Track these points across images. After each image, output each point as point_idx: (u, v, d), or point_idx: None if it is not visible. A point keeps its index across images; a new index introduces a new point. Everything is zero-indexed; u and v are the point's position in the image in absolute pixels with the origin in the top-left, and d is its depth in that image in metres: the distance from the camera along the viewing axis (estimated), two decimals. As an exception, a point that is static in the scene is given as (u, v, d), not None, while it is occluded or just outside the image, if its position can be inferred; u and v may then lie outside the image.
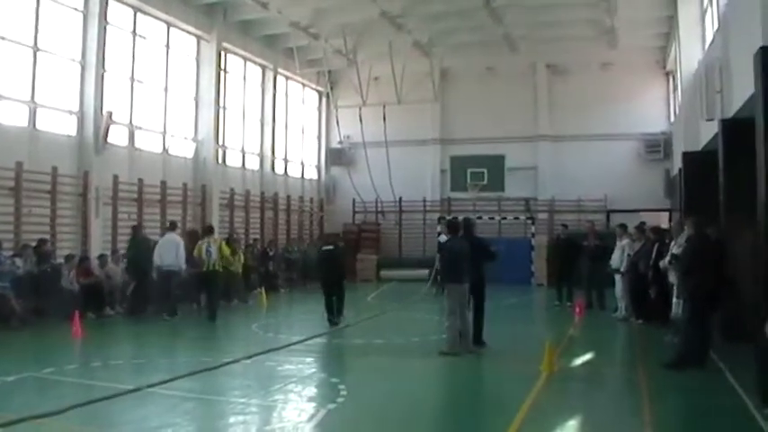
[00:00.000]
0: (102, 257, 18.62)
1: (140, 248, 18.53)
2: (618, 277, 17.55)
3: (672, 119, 28.33)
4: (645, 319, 16.24)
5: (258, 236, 26.84)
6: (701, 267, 11.09)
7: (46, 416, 7.95)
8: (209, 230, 18.93)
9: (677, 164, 21.90)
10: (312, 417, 8.46)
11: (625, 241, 17.53)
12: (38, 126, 18.16)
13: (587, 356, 12.86)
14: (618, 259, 17.56)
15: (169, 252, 18.00)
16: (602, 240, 19.94)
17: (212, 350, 13.20)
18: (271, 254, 25.54)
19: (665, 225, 21.69)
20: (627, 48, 28.39)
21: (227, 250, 19.46)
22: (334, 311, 16.42)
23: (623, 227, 18.43)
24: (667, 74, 29.32)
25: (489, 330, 13.41)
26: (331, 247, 17.25)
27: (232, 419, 8.37)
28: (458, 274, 12.64)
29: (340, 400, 9.20)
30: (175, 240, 18.38)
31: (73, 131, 19.24)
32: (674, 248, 12.72)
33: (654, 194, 27.99)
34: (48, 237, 17.69)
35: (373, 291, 24.23)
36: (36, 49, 17.95)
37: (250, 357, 12.13)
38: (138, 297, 18.24)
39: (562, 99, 30.38)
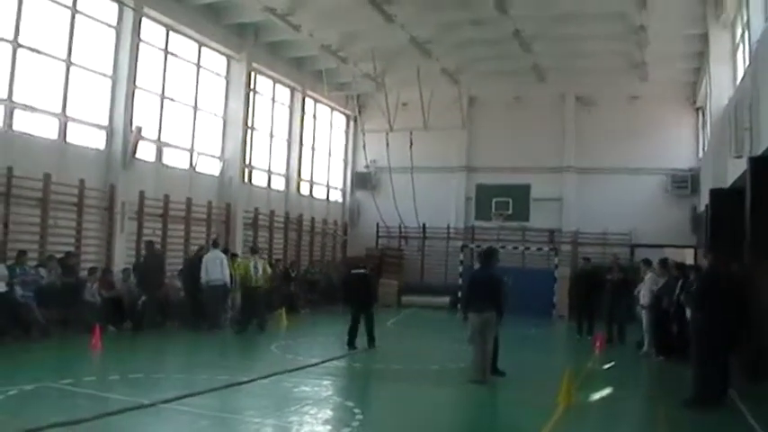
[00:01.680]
0: (125, 271, 18.73)
1: (153, 263, 18.77)
2: (643, 312, 17.36)
3: (700, 155, 28.14)
4: (666, 354, 16.05)
5: (281, 256, 26.86)
6: (713, 304, 10.93)
7: (59, 426, 7.96)
8: (254, 250, 20.80)
9: (704, 200, 21.72)
10: (326, 439, 8.43)
11: (648, 276, 17.37)
12: (68, 139, 18.35)
13: (605, 390, 12.72)
14: (644, 294, 17.38)
15: (215, 267, 18.88)
16: (626, 274, 19.78)
17: (230, 368, 13.19)
18: (293, 275, 25.55)
19: (690, 261, 21.50)
20: (657, 82, 28.27)
21: (268, 269, 20.58)
22: (356, 336, 16.30)
23: (647, 262, 18.29)
24: (697, 109, 29.12)
25: (508, 360, 13.30)
26: (362, 270, 17.28)
27: (246, 439, 8.36)
28: (476, 303, 12.59)
29: (355, 424, 9.17)
30: (220, 256, 19.26)
31: (101, 145, 19.42)
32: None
33: (680, 230, 27.72)
34: (73, 249, 17.85)
35: (394, 316, 24.12)
36: (69, 63, 18.18)
37: (267, 377, 12.13)
38: (150, 312, 18.34)
39: (590, 131, 30.24)
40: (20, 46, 16.73)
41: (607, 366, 15.45)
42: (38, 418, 8.21)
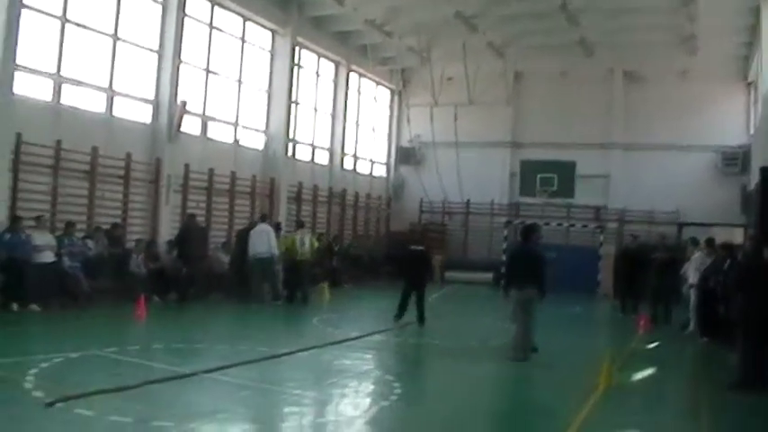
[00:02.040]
0: (170, 243, 18.97)
1: (195, 236, 19.00)
2: (691, 291, 17.10)
3: (751, 131, 27.53)
4: (710, 336, 15.78)
5: (324, 231, 26.97)
6: (753, 287, 10.71)
7: (103, 392, 8.12)
8: (300, 224, 21.46)
9: (755, 178, 21.28)
10: (365, 412, 8.51)
11: (696, 255, 17.10)
12: (114, 113, 18.58)
13: (648, 372, 12.58)
14: (691, 274, 17.12)
15: (261, 241, 19.02)
16: (672, 253, 19.51)
17: (271, 341, 13.29)
18: (336, 249, 25.66)
19: (738, 241, 21.08)
20: (707, 56, 27.66)
21: (315, 243, 21.08)
22: (405, 311, 16.30)
23: (694, 241, 18.02)
24: (748, 84, 28.50)
25: (548, 339, 13.23)
26: (421, 247, 17.29)
27: (286, 410, 8.44)
28: (518, 279, 12.53)
29: (393, 398, 9.18)
30: (266, 230, 19.40)
31: (148, 119, 19.64)
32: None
33: (729, 209, 27.15)
34: (120, 221, 18.13)
35: (436, 291, 24.14)
36: (116, 39, 18.37)
37: (308, 350, 12.20)
38: (192, 283, 18.57)
39: (637, 107, 29.77)
40: (68, 21, 16.94)
41: (650, 347, 15.27)
42: (82, 384, 8.36)
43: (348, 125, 29.95)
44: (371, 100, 32.75)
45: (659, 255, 19.37)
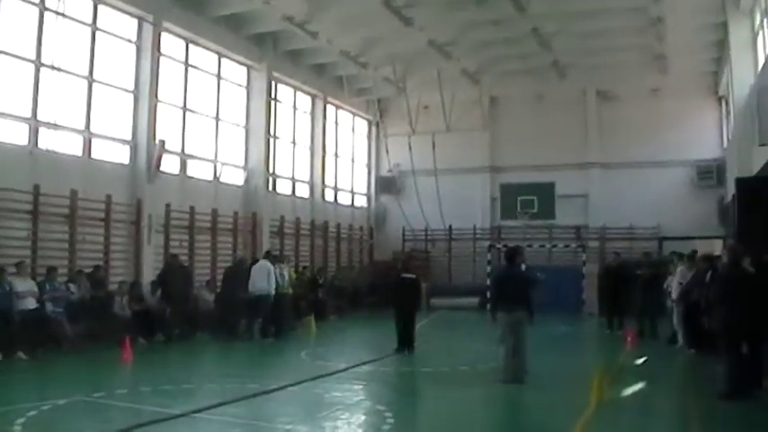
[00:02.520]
0: (153, 284, 18.85)
1: (177, 276, 18.83)
2: (674, 306, 17.20)
3: (725, 144, 27.86)
4: (697, 347, 15.86)
5: (308, 263, 26.93)
6: (734, 298, 10.80)
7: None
8: (277, 258, 21.01)
9: (731, 190, 21.51)
10: (358, 444, 8.44)
11: (679, 268, 17.21)
12: (92, 155, 18.56)
13: (638, 386, 12.60)
14: (674, 288, 17.22)
15: (261, 277, 19.03)
16: (656, 269, 19.63)
17: (260, 377, 13.24)
18: (320, 281, 25.60)
19: (718, 252, 21.21)
20: (678, 73, 28.11)
21: (294, 276, 21.27)
22: (405, 341, 16.32)
23: (679, 255, 18.12)
24: (720, 99, 28.90)
25: (537, 360, 13.22)
26: (413, 276, 17.28)
27: (278, 446, 8.39)
28: (505, 302, 12.56)
29: (386, 428, 9.16)
30: (267, 267, 19.42)
31: (126, 160, 19.61)
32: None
33: (707, 222, 27.39)
34: (101, 263, 18.01)
35: (423, 318, 24.11)
36: (91, 80, 18.40)
37: (298, 384, 12.14)
38: (178, 323, 18.49)
39: (612, 126, 30.04)
40: (42, 65, 16.97)
41: (639, 361, 15.30)
42: (72, 431, 8.28)
43: (327, 157, 30.01)
44: (349, 131, 32.85)
45: (644, 271, 19.50)
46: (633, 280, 19.65)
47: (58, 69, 17.41)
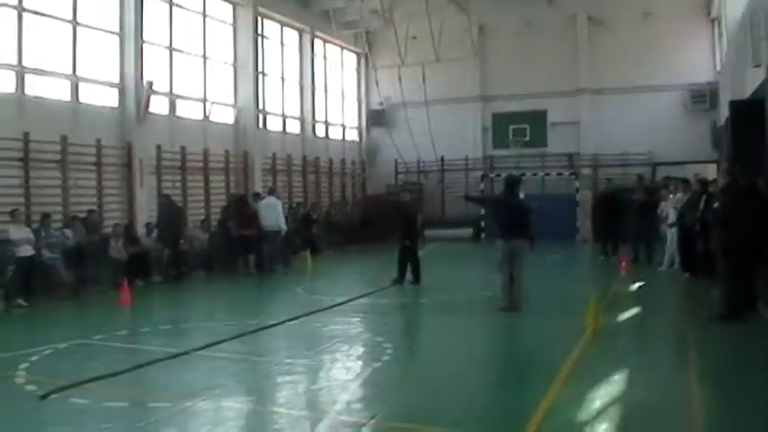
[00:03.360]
0: (148, 226, 18.88)
1: (170, 216, 18.89)
2: (670, 231, 17.30)
3: (718, 67, 27.61)
4: (692, 272, 16.02)
5: (301, 199, 26.95)
6: (736, 219, 10.86)
7: (96, 380, 8.17)
8: (271, 190, 21.50)
9: (724, 114, 21.42)
10: (358, 375, 8.57)
11: (679, 195, 17.22)
12: (80, 99, 18.39)
13: (633, 311, 12.78)
14: (670, 212, 17.30)
15: (269, 214, 19.79)
16: (651, 194, 19.68)
17: (258, 313, 13.37)
18: (314, 217, 25.66)
19: (713, 177, 21.26)
20: (668, -5, 27.72)
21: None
22: (405, 272, 16.53)
23: (683, 181, 18.12)
24: (712, 21, 28.49)
25: (534, 287, 13.34)
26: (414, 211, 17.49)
27: (279, 379, 8.51)
28: (504, 230, 12.64)
29: (385, 358, 9.29)
30: (275, 203, 20.31)
31: (115, 103, 19.44)
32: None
33: (701, 146, 27.21)
34: (95, 208, 18.01)
35: (419, 250, 24.27)
36: (75, 24, 18.12)
37: (295, 319, 12.27)
38: (174, 264, 18.59)
39: (603, 51, 29.71)
40: (24, 10, 16.69)
41: (634, 286, 15.47)
42: (75, 373, 8.39)
43: (317, 92, 29.77)
44: (338, 65, 32.54)
45: (638, 196, 19.56)
46: (627, 205, 19.75)
47: (41, 14, 17.15)
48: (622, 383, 7.91)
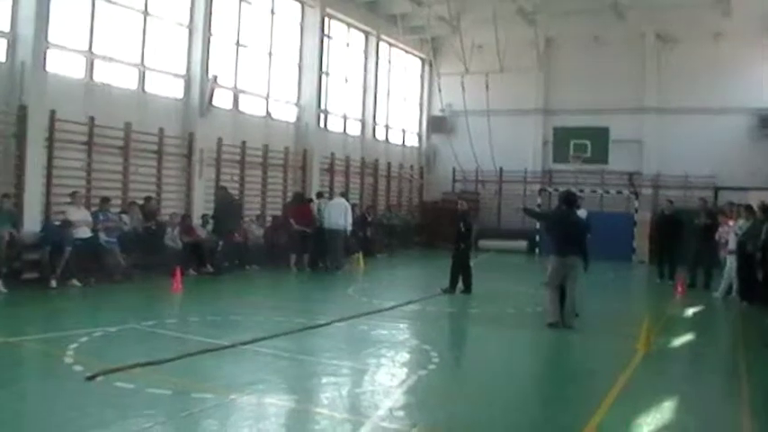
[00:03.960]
0: (204, 217, 19.06)
1: (227, 208, 19.01)
2: (730, 257, 16.89)
3: (788, 92, 26.97)
4: (750, 300, 15.63)
5: (357, 201, 26.97)
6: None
7: (142, 365, 8.22)
8: (342, 194, 22.48)
9: (792, 140, 20.88)
10: (403, 382, 8.48)
11: (740, 221, 16.83)
12: (146, 89, 18.64)
13: (686, 336, 12.50)
14: (731, 239, 16.90)
15: (338, 214, 20.04)
16: (713, 219, 19.23)
17: (307, 311, 13.36)
18: (369, 219, 25.67)
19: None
20: (741, 17, 27.00)
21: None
22: (457, 282, 16.40)
23: (747, 207, 17.71)
24: (784, 45, 27.90)
25: (587, 305, 13.16)
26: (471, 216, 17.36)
27: (324, 380, 8.47)
28: (560, 246, 12.46)
29: (431, 367, 9.19)
30: (344, 204, 20.71)
31: (180, 94, 19.67)
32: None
33: (766, 172, 26.69)
34: (153, 195, 18.24)
35: (472, 260, 24.11)
36: (146, 14, 18.40)
37: (344, 320, 12.24)
38: (228, 256, 18.72)
39: (671, 70, 29.23)
40: (98, -2, 17.02)
41: (689, 312, 15.16)
42: (121, 358, 8.46)
43: (379, 95, 29.80)
44: (402, 70, 32.56)
45: (701, 220, 19.08)
46: (687, 228, 19.32)
47: (114, 2, 17.44)
48: (671, 410, 7.70)
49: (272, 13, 23.37)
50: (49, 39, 15.67)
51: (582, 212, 19.25)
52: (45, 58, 15.50)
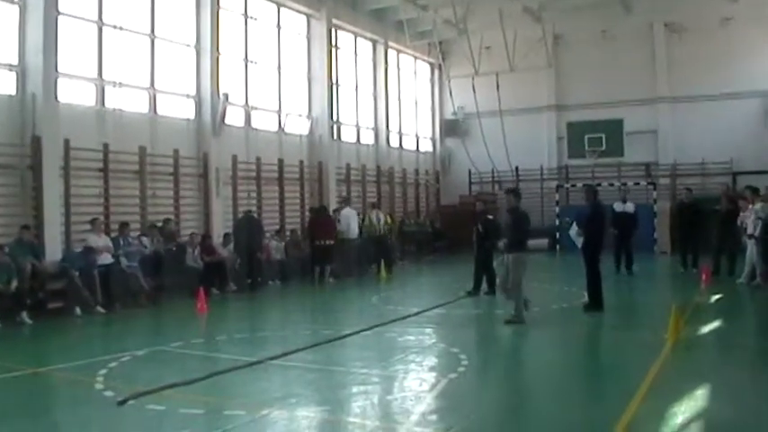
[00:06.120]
0: (226, 236, 19.09)
1: (250, 230, 19.00)
2: (750, 242, 16.70)
3: (801, 73, 26.72)
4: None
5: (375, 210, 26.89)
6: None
7: (173, 387, 8.22)
8: (374, 204, 23.65)
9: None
10: (434, 386, 8.46)
11: (758, 205, 16.66)
12: (158, 111, 18.73)
13: (714, 324, 12.38)
14: (751, 224, 16.70)
15: (350, 223, 21.30)
16: (735, 204, 19.04)
17: (333, 322, 13.38)
18: (390, 227, 25.61)
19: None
20: (748, 0, 26.88)
21: (389, 220, 23.75)
22: (481, 283, 16.38)
23: (754, 190, 17.56)
24: (795, 25, 27.66)
25: (612, 298, 13.08)
26: (491, 217, 17.25)
27: (354, 389, 8.44)
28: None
29: (461, 369, 9.15)
30: (352, 213, 21.74)
31: (191, 115, 19.76)
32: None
33: (784, 154, 26.46)
34: (172, 216, 18.30)
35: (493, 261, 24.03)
36: (153, 37, 18.51)
37: (370, 329, 12.22)
38: (250, 273, 18.73)
39: (681, 59, 29.02)
40: (104, 24, 17.12)
41: (715, 299, 15.02)
42: (151, 380, 8.48)
43: (390, 102, 29.79)
44: (412, 75, 32.57)
45: (723, 206, 18.86)
46: (708, 216, 19.15)
47: (120, 28, 17.55)
48: (704, 400, 7.62)
49: (279, 27, 23.43)
50: (59, 68, 15.78)
51: (629, 206, 19.50)
52: (56, 88, 15.61)
